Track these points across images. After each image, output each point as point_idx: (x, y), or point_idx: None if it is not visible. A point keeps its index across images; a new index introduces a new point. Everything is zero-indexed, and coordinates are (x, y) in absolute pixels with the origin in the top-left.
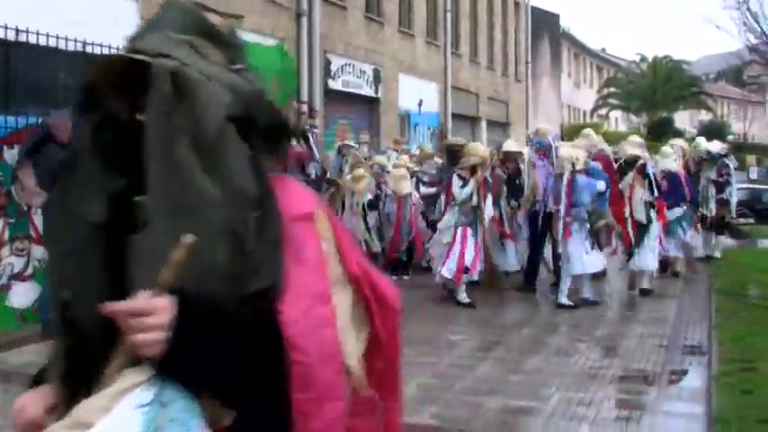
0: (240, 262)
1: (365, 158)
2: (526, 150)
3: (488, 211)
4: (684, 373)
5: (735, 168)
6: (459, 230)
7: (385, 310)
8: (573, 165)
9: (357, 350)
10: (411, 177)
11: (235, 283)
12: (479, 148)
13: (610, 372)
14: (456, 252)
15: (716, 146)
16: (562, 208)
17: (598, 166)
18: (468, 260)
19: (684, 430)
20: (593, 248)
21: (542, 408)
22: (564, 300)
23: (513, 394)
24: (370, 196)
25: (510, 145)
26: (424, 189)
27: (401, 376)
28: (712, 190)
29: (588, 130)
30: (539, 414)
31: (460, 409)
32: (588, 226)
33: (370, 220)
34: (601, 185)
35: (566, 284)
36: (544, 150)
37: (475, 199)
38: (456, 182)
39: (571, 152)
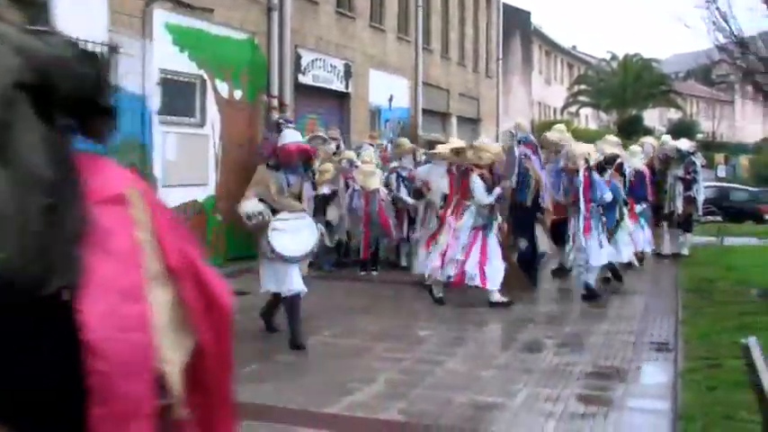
0: (28, 256)
1: (333, 154)
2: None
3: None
4: (651, 369)
5: (702, 166)
6: (479, 233)
7: (214, 311)
8: (587, 161)
9: (177, 358)
10: (391, 174)
11: (22, 282)
12: (493, 146)
13: (577, 368)
14: (476, 255)
15: (684, 144)
16: (582, 205)
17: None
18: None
19: (650, 426)
20: (608, 241)
21: (510, 403)
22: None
23: (481, 390)
24: (326, 190)
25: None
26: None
27: (232, 390)
28: (680, 187)
29: (561, 125)
30: (506, 409)
31: (429, 404)
32: (604, 220)
33: (331, 214)
34: (608, 197)
35: (593, 276)
36: (532, 145)
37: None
38: (479, 184)
39: (584, 148)
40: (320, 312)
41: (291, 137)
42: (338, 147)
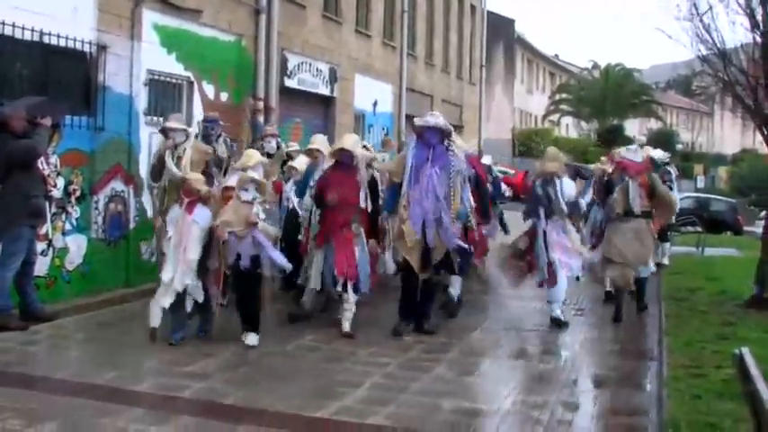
0: None
1: (269, 155)
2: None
3: None
4: (636, 377)
5: (677, 176)
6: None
7: None
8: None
9: None
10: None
11: None
12: (561, 155)
13: (563, 375)
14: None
15: (658, 153)
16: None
17: None
18: None
19: None
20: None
21: (496, 410)
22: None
23: (468, 396)
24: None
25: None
26: None
27: None
28: None
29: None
30: (493, 416)
31: (416, 410)
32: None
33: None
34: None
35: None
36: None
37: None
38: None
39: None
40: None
41: None
42: (278, 146)
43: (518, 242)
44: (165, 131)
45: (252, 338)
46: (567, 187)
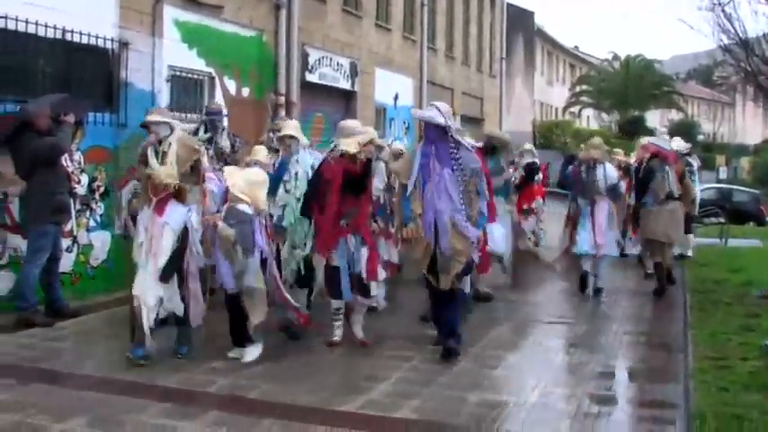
0: None
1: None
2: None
3: None
4: (662, 369)
5: (699, 167)
6: None
7: None
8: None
9: None
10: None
11: None
12: (602, 143)
13: (588, 367)
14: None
15: (678, 143)
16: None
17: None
18: None
19: (664, 426)
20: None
21: (522, 403)
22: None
23: (493, 389)
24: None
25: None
26: None
27: None
28: None
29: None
30: (519, 409)
31: (442, 403)
32: None
33: None
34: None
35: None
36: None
37: None
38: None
39: None
40: (322, 311)
41: None
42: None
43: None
44: (146, 126)
45: (249, 353)
46: (610, 172)
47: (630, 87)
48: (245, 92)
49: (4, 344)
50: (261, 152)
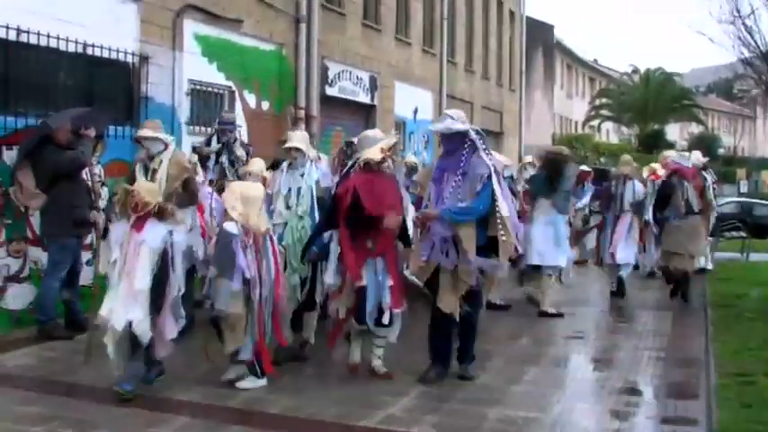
0: None
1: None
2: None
3: None
4: (683, 385)
5: (714, 182)
6: None
7: None
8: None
9: None
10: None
11: None
12: (632, 160)
13: (609, 383)
14: None
15: (695, 156)
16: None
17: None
18: None
19: None
20: None
21: (544, 418)
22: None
23: (514, 405)
24: None
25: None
26: None
27: None
28: None
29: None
30: (539, 425)
31: (462, 419)
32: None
33: None
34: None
35: None
36: None
37: None
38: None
39: None
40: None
41: None
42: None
43: None
44: (138, 141)
45: (246, 382)
46: (638, 188)
47: (650, 101)
48: (265, 105)
49: (26, 356)
50: (256, 164)
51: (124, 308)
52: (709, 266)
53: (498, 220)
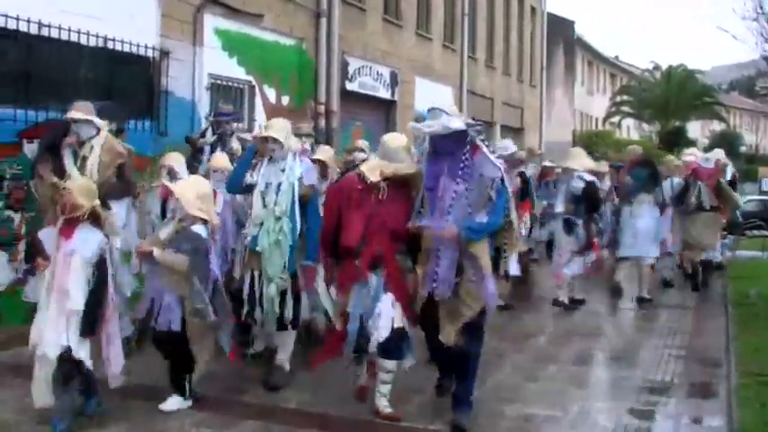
0: None
1: None
2: None
3: None
4: (703, 384)
5: (733, 175)
6: None
7: None
8: None
9: None
10: None
11: None
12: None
13: (628, 382)
14: None
15: (715, 155)
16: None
17: None
18: None
19: None
20: None
21: (563, 416)
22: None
23: (532, 403)
24: None
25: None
26: None
27: None
28: None
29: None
30: (557, 423)
31: (479, 416)
32: None
33: None
34: None
35: None
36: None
37: None
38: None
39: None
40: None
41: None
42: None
43: None
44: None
45: (170, 403)
46: (675, 185)
47: (671, 98)
48: (285, 100)
49: None
50: (220, 160)
51: (56, 332)
52: (718, 258)
53: (506, 231)
